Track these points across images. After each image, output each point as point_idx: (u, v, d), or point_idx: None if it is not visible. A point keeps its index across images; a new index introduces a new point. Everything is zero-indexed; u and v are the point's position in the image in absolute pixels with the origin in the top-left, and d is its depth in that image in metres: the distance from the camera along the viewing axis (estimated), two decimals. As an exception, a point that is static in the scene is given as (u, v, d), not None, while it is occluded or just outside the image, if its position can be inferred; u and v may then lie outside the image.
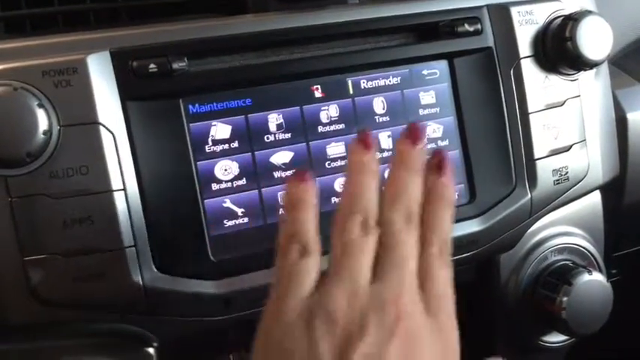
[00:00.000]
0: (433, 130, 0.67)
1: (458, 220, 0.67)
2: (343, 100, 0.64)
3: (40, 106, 0.52)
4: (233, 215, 0.61)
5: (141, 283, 0.57)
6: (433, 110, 0.67)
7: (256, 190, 0.62)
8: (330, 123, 0.64)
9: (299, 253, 0.48)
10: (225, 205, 0.61)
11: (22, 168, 0.53)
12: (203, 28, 0.60)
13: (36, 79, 0.54)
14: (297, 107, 0.63)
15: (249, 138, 0.61)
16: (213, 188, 0.60)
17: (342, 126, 0.64)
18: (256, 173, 0.61)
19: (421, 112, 0.67)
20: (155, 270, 0.57)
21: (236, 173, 0.61)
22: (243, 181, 0.61)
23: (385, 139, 0.65)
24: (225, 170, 0.61)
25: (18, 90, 0.52)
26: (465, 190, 0.68)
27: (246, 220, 0.61)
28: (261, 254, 0.61)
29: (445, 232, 0.51)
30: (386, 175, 0.65)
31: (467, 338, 0.81)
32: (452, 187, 0.52)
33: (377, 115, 0.65)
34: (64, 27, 0.66)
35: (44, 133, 0.52)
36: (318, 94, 0.63)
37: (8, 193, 0.53)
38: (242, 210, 0.61)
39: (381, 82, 0.65)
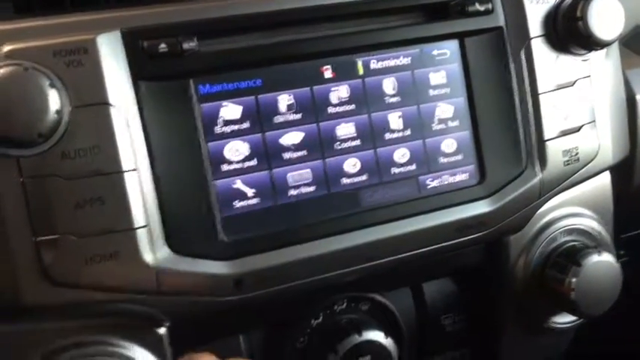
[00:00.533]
0: (443, 110, 0.67)
1: (467, 201, 0.67)
2: (353, 80, 0.64)
3: (52, 86, 0.52)
4: (243, 196, 0.61)
5: (153, 263, 0.57)
6: (443, 91, 0.67)
7: (267, 171, 0.62)
8: (341, 104, 0.64)
9: None
10: (235, 185, 0.61)
11: (33, 148, 0.53)
12: (213, 7, 0.60)
13: (47, 59, 0.53)
14: (308, 88, 0.62)
15: (260, 119, 0.61)
16: (224, 169, 0.60)
17: (352, 107, 0.64)
18: (267, 154, 0.61)
19: (431, 92, 0.66)
20: (167, 250, 0.58)
21: (246, 154, 0.61)
22: (253, 162, 0.61)
23: (395, 119, 0.65)
24: (236, 151, 0.61)
25: (29, 70, 0.52)
26: (475, 170, 0.68)
27: (256, 200, 0.61)
28: (272, 235, 0.62)
29: None
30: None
31: (476, 319, 0.82)
32: None
33: (387, 95, 0.65)
34: (73, 7, 0.66)
35: (56, 113, 0.52)
36: (328, 74, 0.63)
37: (20, 173, 0.53)
38: (252, 191, 0.61)
39: (392, 63, 0.65)
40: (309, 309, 0.74)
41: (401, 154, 0.66)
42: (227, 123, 0.60)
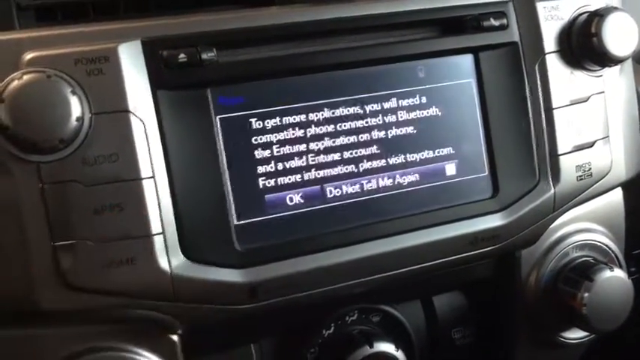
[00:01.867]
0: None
1: (481, 214, 0.68)
2: (369, 93, 0.64)
3: (73, 93, 0.53)
4: (258, 205, 0.62)
5: (168, 270, 0.57)
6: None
7: (281, 181, 0.62)
8: (355, 117, 0.64)
9: None
10: (250, 195, 0.61)
11: (54, 154, 0.54)
12: (232, 19, 0.61)
13: (69, 66, 0.54)
14: (324, 100, 0.63)
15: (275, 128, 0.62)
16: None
17: (366, 120, 0.64)
18: (281, 164, 0.62)
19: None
20: (182, 257, 0.58)
21: (262, 163, 0.62)
22: (268, 172, 0.62)
23: (410, 132, 0.66)
24: (252, 160, 0.61)
25: (52, 77, 0.53)
26: (488, 184, 0.68)
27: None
28: (285, 244, 0.62)
29: None
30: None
31: (486, 333, 0.82)
32: None
33: (402, 109, 0.65)
34: (94, 16, 0.67)
35: (77, 119, 0.53)
36: (344, 86, 0.64)
37: (40, 178, 0.54)
38: (267, 200, 0.62)
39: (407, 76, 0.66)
40: (320, 319, 0.74)
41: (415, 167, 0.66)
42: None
